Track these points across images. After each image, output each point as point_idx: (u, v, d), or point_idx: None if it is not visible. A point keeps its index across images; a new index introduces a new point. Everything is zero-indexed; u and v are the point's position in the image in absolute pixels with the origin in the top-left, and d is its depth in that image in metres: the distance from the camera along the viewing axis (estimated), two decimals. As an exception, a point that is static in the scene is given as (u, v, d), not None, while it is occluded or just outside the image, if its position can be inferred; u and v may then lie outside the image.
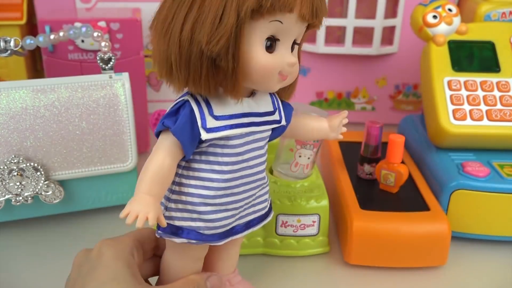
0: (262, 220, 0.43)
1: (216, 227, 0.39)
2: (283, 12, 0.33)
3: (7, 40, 0.54)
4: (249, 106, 0.38)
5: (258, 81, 0.36)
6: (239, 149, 0.38)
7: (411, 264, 0.51)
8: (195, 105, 0.36)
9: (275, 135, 0.42)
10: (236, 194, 0.39)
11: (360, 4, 0.76)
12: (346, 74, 0.82)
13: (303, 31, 0.38)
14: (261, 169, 0.40)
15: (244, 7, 0.32)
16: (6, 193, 0.51)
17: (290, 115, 0.43)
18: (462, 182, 0.53)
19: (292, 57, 0.36)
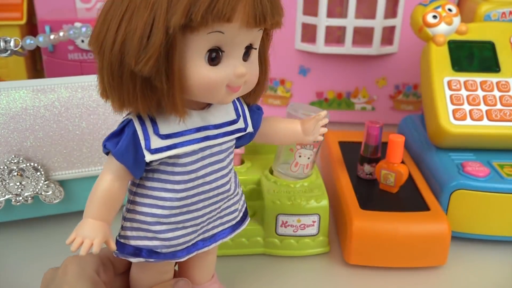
0: (235, 230, 0.42)
1: (174, 246, 0.37)
2: (218, 23, 0.31)
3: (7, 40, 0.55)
4: (203, 119, 0.36)
5: (203, 96, 0.34)
6: (192, 167, 0.36)
7: (411, 264, 0.51)
8: (138, 125, 0.34)
9: (242, 142, 0.40)
10: (193, 211, 0.37)
11: (360, 4, 0.76)
12: (346, 74, 0.82)
13: (257, 36, 0.35)
14: (224, 182, 0.38)
15: (172, 23, 0.30)
16: (6, 193, 0.51)
17: (259, 120, 0.40)
18: (462, 182, 0.53)
19: (240, 68, 0.33)
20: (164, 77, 0.31)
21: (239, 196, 0.41)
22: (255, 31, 0.34)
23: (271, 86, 0.83)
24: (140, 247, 0.37)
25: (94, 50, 0.32)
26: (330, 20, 0.76)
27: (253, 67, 0.35)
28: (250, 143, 0.60)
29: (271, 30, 0.38)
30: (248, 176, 0.56)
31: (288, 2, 0.77)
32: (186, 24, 0.30)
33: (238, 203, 0.41)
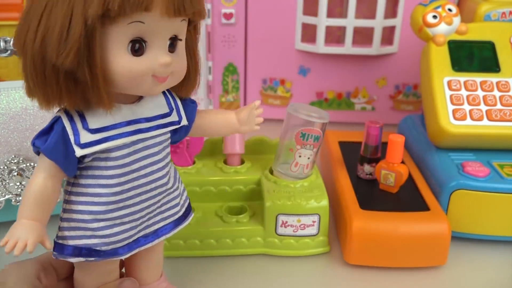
0: (178, 225, 0.41)
1: (114, 242, 0.37)
2: (137, 12, 0.31)
3: (7, 40, 0.55)
4: (134, 112, 0.36)
5: (129, 88, 0.34)
6: (125, 160, 0.35)
7: (411, 264, 0.51)
8: (66, 121, 0.34)
9: (179, 136, 0.40)
10: (131, 206, 0.37)
11: (360, 4, 0.76)
12: (346, 74, 0.82)
13: (181, 26, 0.35)
14: (161, 175, 0.38)
15: (90, 14, 0.30)
16: (6, 193, 0.51)
17: (193, 113, 0.41)
18: (462, 182, 0.53)
19: (165, 57, 0.34)
20: (87, 69, 0.31)
21: (179, 191, 0.41)
22: (178, 22, 0.34)
23: (271, 86, 0.83)
24: (79, 247, 0.36)
25: (17, 49, 0.33)
26: (330, 20, 0.76)
27: (180, 59, 0.36)
28: (249, 143, 0.60)
29: (198, 22, 0.38)
30: (248, 176, 0.56)
31: (288, 2, 0.77)
32: (104, 15, 0.30)
33: (179, 198, 0.41)
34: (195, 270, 0.51)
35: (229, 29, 0.79)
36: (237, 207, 0.56)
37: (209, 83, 0.82)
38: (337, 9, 0.80)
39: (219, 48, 0.80)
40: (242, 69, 0.82)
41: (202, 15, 0.36)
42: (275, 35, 0.80)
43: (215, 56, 0.81)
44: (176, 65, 0.35)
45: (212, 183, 0.56)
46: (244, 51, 0.81)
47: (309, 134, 0.52)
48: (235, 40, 0.80)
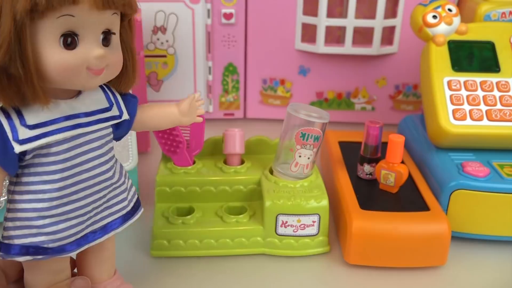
0: (127, 220, 0.42)
1: (61, 239, 0.37)
2: (65, 6, 0.32)
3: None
4: (72, 107, 0.36)
5: (64, 82, 0.34)
6: (66, 155, 0.36)
7: (411, 264, 0.51)
8: (3, 118, 0.34)
9: (122, 131, 0.41)
10: (75, 201, 0.37)
11: (360, 4, 0.76)
12: (346, 74, 0.82)
13: (113, 20, 0.35)
14: (105, 169, 0.38)
15: (18, 9, 0.30)
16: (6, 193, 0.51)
17: (134, 107, 0.41)
18: (462, 182, 0.53)
19: (98, 49, 0.34)
20: (19, 64, 0.31)
21: (126, 186, 0.42)
22: (109, 15, 0.35)
23: (271, 86, 0.83)
24: (26, 245, 0.36)
25: None
26: (330, 20, 0.76)
27: (114, 52, 0.36)
28: (249, 143, 0.60)
29: (132, 17, 0.38)
30: (248, 176, 0.56)
31: (288, 2, 0.77)
32: (33, 9, 0.31)
33: (126, 193, 0.41)
34: (195, 270, 0.51)
35: (229, 29, 0.79)
36: (237, 207, 0.56)
37: (209, 83, 0.82)
38: (337, 9, 0.80)
39: (219, 48, 0.80)
40: (242, 69, 0.82)
41: (133, 8, 0.37)
42: (275, 35, 0.80)
43: (215, 56, 0.81)
44: (111, 58, 0.36)
45: (212, 183, 0.56)
46: (244, 51, 0.81)
47: (309, 134, 0.52)
48: (235, 40, 0.80)
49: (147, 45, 0.78)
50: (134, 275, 0.50)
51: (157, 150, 0.67)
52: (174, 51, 0.79)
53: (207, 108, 0.84)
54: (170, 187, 0.55)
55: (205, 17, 0.77)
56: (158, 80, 0.81)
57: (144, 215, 0.59)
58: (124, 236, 0.56)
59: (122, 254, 0.53)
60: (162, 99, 0.81)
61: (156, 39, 0.78)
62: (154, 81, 0.81)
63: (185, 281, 0.49)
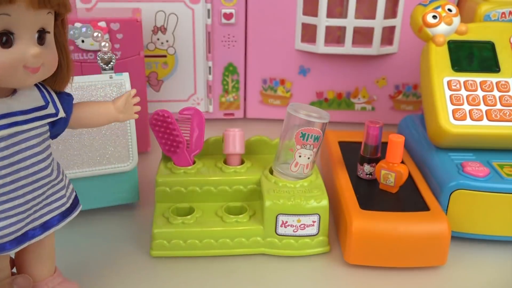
0: (66, 217, 0.42)
1: (1, 237, 0.37)
2: (1, 5, 0.32)
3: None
4: (8, 106, 0.36)
5: (3, 79, 0.35)
6: (4, 153, 0.36)
7: (411, 264, 0.51)
8: None
9: (58, 129, 0.41)
10: (15, 199, 0.37)
11: (360, 4, 0.76)
12: (346, 74, 0.82)
13: (48, 19, 0.36)
14: (42, 166, 0.39)
15: None
16: None
17: (70, 105, 0.41)
18: (462, 182, 0.53)
19: (34, 48, 0.35)
20: None
21: (64, 183, 0.42)
22: (44, 14, 0.35)
23: (271, 86, 0.83)
24: None
25: None
26: (330, 20, 0.76)
27: (50, 51, 0.37)
28: (249, 143, 0.60)
29: (65, 16, 0.39)
30: (248, 176, 0.56)
31: (288, 2, 0.77)
32: None
33: (64, 190, 0.42)
34: (195, 270, 0.51)
35: (229, 29, 0.79)
36: (237, 207, 0.56)
37: (209, 83, 0.82)
38: (337, 9, 0.80)
39: (219, 48, 0.80)
40: (242, 69, 0.82)
41: (67, 8, 0.37)
42: (275, 35, 0.80)
43: (215, 56, 0.81)
44: (47, 56, 0.36)
45: (212, 183, 0.56)
46: (244, 51, 0.81)
47: (309, 134, 0.52)
48: (235, 40, 0.80)
49: (147, 45, 0.78)
50: (134, 275, 0.50)
51: (157, 150, 0.67)
52: (174, 51, 0.79)
53: (207, 108, 0.84)
54: (170, 187, 0.55)
55: (205, 17, 0.77)
56: (158, 80, 0.81)
57: (145, 215, 0.60)
58: (124, 236, 0.56)
59: (122, 254, 0.53)
60: (162, 99, 0.81)
61: (156, 39, 0.78)
62: (154, 81, 0.81)
63: (185, 281, 0.49)
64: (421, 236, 0.50)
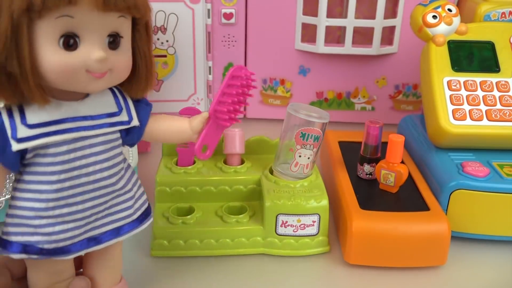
0: (131, 229, 0.41)
1: (57, 241, 0.36)
2: (61, 6, 0.31)
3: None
4: (76, 110, 0.36)
5: (63, 83, 0.34)
6: (64, 157, 0.35)
7: (411, 264, 0.51)
8: (5, 115, 0.34)
9: (132, 138, 0.40)
10: (72, 204, 0.36)
11: (360, 4, 0.76)
12: (346, 74, 0.82)
13: (120, 23, 0.35)
14: (106, 175, 0.37)
15: (14, 8, 0.30)
16: (6, 193, 0.51)
17: (146, 115, 0.40)
18: (462, 182, 0.53)
19: (98, 52, 0.33)
20: (16, 63, 0.32)
21: (133, 194, 0.40)
22: (114, 18, 0.34)
23: (271, 86, 0.83)
24: (23, 243, 0.36)
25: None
26: (330, 20, 0.76)
27: (121, 56, 0.36)
28: (249, 143, 0.60)
29: (145, 20, 0.37)
30: (248, 176, 0.56)
31: (288, 2, 0.77)
32: (29, 9, 0.31)
33: (131, 201, 0.40)
34: (195, 270, 0.51)
35: (229, 29, 0.79)
36: (237, 207, 0.56)
37: (209, 83, 0.82)
38: (337, 9, 0.80)
39: (219, 48, 0.80)
40: (242, 69, 0.82)
41: (140, 12, 0.35)
42: (275, 35, 0.80)
43: (215, 56, 0.81)
44: (116, 62, 0.35)
45: (212, 183, 0.56)
46: (244, 51, 0.81)
47: (309, 134, 0.53)
48: (235, 40, 0.80)
49: (147, 45, 0.78)
50: (134, 275, 0.50)
51: (157, 150, 0.67)
52: (174, 51, 0.79)
53: (207, 108, 0.84)
54: (170, 187, 0.55)
55: (205, 17, 0.77)
56: (158, 80, 0.81)
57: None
58: (124, 236, 0.56)
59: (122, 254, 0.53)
60: (162, 99, 0.81)
61: (156, 39, 0.78)
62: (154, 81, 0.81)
63: (185, 281, 0.49)
64: (421, 236, 0.50)
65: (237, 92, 0.43)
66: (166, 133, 0.42)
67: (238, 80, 0.43)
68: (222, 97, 0.43)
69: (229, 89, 0.43)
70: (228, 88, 0.43)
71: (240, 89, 0.44)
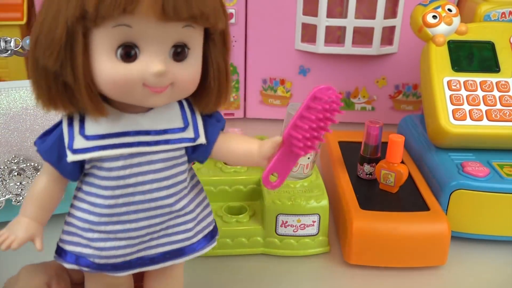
0: (190, 252, 0.38)
1: (108, 257, 0.35)
2: (115, 15, 0.29)
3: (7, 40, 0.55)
4: (137, 123, 0.33)
5: (120, 96, 0.31)
6: (119, 173, 0.33)
7: (411, 264, 0.51)
8: (65, 124, 0.33)
9: (198, 156, 0.36)
10: (125, 222, 0.34)
11: (360, 4, 0.76)
12: (346, 74, 0.82)
13: (188, 33, 0.32)
14: (164, 194, 0.35)
15: (69, 16, 0.29)
16: (6, 193, 0.51)
17: (215, 133, 0.36)
18: (462, 182, 0.53)
19: (157, 65, 0.30)
20: (69, 72, 0.30)
21: (194, 215, 0.37)
22: (178, 27, 0.31)
23: (271, 86, 0.83)
24: (75, 254, 0.36)
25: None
26: (330, 20, 0.76)
27: (186, 69, 0.32)
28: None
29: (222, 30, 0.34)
30: (248, 176, 0.56)
31: (288, 2, 0.77)
32: (84, 17, 0.29)
33: (193, 223, 0.37)
34: (195, 270, 0.51)
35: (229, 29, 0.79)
36: (237, 207, 0.56)
37: (209, 83, 0.82)
38: (337, 9, 0.80)
39: (219, 48, 0.80)
40: (242, 69, 0.82)
41: (209, 21, 0.32)
42: (275, 35, 0.80)
43: (215, 56, 0.81)
44: (179, 75, 0.32)
45: (212, 183, 0.56)
46: (244, 51, 0.81)
47: (309, 134, 0.52)
48: (235, 40, 0.80)
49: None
50: (134, 275, 0.50)
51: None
52: (174, 51, 0.79)
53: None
54: (170, 187, 0.55)
55: (205, 17, 0.77)
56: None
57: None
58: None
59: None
60: (162, 99, 0.81)
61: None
62: (154, 81, 0.81)
63: (185, 281, 0.49)
64: (421, 236, 0.50)
65: (317, 117, 0.36)
66: (233, 155, 0.37)
67: (320, 103, 0.37)
68: (299, 121, 0.36)
69: (308, 113, 0.36)
70: (308, 111, 0.36)
71: (321, 113, 0.36)
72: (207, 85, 0.34)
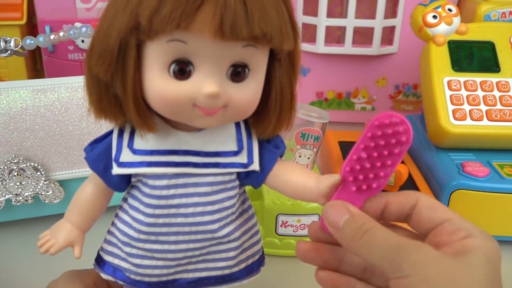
0: (228, 281, 0.36)
1: (143, 275, 0.34)
2: (169, 29, 0.27)
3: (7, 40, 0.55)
4: (186, 142, 0.32)
5: (168, 113, 0.30)
6: (162, 192, 0.32)
7: (411, 264, 0.51)
8: (115, 136, 0.32)
9: (250, 182, 0.34)
10: (164, 242, 0.33)
11: (360, 4, 0.76)
12: (346, 74, 0.82)
13: (250, 53, 0.29)
14: (207, 219, 0.33)
15: (122, 27, 0.28)
16: (6, 193, 0.51)
17: (272, 160, 0.34)
18: (462, 182, 0.53)
19: (210, 86, 0.28)
20: (119, 84, 0.29)
21: (239, 244, 0.35)
22: (238, 46, 0.28)
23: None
24: (112, 265, 0.35)
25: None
26: (330, 20, 0.76)
27: (244, 91, 0.30)
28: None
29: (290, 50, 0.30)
30: (248, 176, 0.56)
31: (288, 2, 0.77)
32: (138, 29, 0.27)
33: (236, 251, 0.35)
34: (195, 270, 0.51)
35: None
36: (237, 207, 0.56)
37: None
38: (337, 9, 0.80)
39: (219, 48, 0.80)
40: (242, 69, 0.82)
41: (273, 42, 0.28)
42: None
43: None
44: (234, 97, 0.29)
45: (212, 183, 0.56)
46: (244, 51, 0.81)
47: (309, 134, 0.52)
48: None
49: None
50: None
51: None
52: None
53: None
54: (170, 187, 0.55)
55: (205, 17, 0.77)
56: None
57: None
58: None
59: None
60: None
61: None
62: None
63: (185, 281, 0.49)
64: (421, 236, 0.49)
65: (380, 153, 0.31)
66: (289, 187, 0.34)
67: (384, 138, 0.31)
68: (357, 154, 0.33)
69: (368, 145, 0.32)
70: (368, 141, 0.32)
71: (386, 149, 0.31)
72: (267, 108, 0.32)
